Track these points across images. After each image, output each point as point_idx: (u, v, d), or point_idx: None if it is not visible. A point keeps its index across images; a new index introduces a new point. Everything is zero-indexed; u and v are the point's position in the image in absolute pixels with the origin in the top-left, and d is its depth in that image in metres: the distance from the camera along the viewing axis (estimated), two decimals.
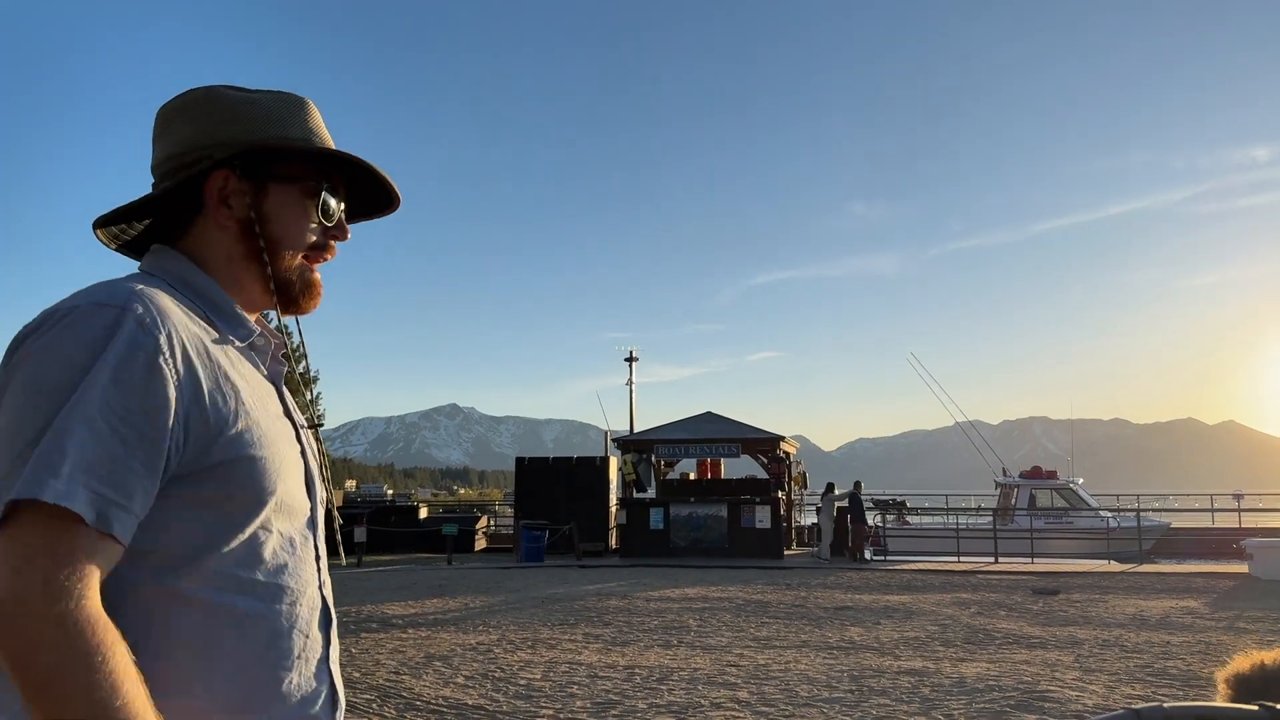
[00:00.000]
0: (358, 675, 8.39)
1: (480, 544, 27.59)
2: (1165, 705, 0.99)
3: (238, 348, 1.22)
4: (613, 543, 24.91)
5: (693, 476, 27.01)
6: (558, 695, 7.55)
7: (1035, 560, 21.48)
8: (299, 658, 1.19)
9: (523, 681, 8.12)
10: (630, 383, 37.28)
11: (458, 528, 24.10)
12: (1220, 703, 1.05)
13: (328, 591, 1.29)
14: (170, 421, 1.06)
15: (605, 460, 25.99)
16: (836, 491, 22.76)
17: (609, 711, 6.99)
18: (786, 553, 23.20)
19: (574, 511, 23.93)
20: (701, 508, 23.40)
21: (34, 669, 0.94)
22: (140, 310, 1.07)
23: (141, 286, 1.12)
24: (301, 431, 1.31)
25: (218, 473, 1.11)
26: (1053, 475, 29.02)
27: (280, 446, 1.18)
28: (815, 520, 24.67)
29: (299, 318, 1.37)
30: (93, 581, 0.98)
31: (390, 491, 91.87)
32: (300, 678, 1.18)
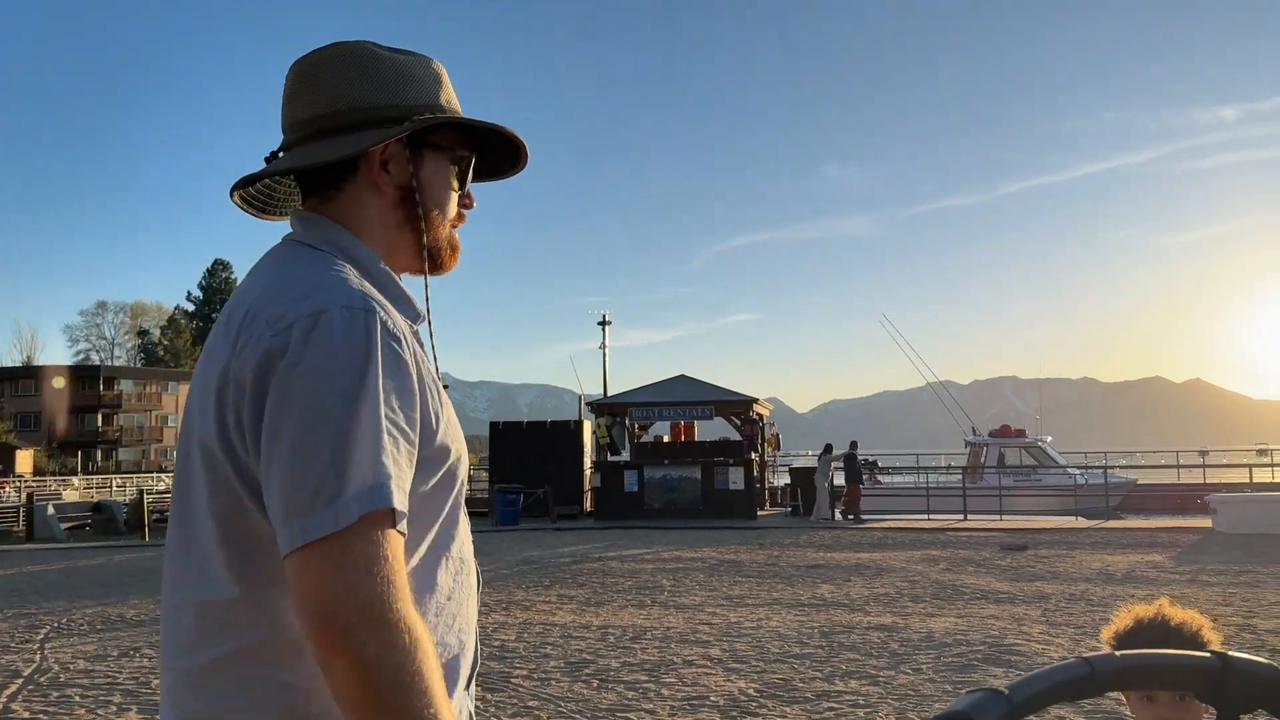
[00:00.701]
0: None
1: None
2: (1118, 654, 0.99)
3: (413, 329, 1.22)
4: (587, 505, 24.99)
5: (666, 439, 27.08)
6: (532, 655, 7.59)
7: (1004, 517, 21.77)
8: (475, 627, 1.27)
9: (497, 643, 8.15)
10: (604, 346, 37.26)
11: None
12: (1172, 651, 1.05)
13: None
14: (418, 415, 1.11)
15: (580, 424, 26.01)
16: (835, 452, 22.74)
17: (582, 670, 7.03)
18: (760, 513, 23.38)
19: (549, 475, 23.95)
20: (675, 470, 23.51)
21: (379, 677, 0.96)
22: (381, 312, 1.10)
23: (358, 282, 1.14)
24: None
25: (433, 457, 1.15)
26: (1021, 434, 29.37)
27: (453, 440, 1.20)
28: (788, 482, 24.75)
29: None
30: (398, 576, 1.02)
31: None
32: (476, 644, 1.27)
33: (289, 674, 1.09)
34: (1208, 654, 1.07)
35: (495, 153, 1.36)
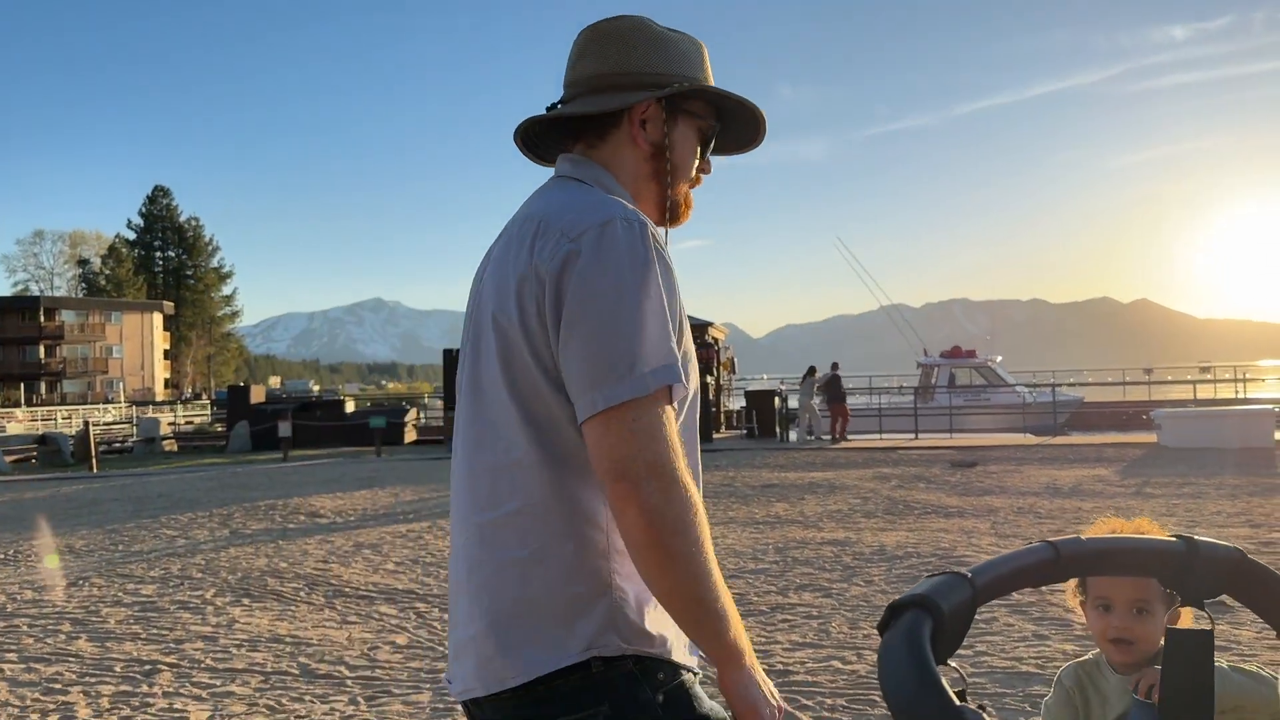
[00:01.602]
0: (284, 565, 8.33)
1: (410, 436, 27.48)
2: (1082, 537, 0.95)
3: None
4: None
5: None
6: None
7: (954, 436, 22.16)
8: None
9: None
10: None
11: (386, 420, 23.93)
12: (1137, 535, 1.01)
13: None
14: (679, 316, 1.32)
15: None
16: (817, 375, 22.73)
17: None
18: (716, 436, 23.55)
19: None
20: None
21: (663, 522, 1.17)
22: (650, 225, 1.31)
23: (630, 202, 1.38)
24: None
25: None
26: (972, 354, 29.79)
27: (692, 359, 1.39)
28: (744, 405, 24.83)
29: None
30: (680, 444, 1.23)
31: (317, 388, 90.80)
32: None
33: (566, 529, 1.29)
34: (1173, 538, 1.04)
35: (737, 125, 1.56)
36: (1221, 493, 11.07)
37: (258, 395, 30.84)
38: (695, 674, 1.37)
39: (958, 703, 0.71)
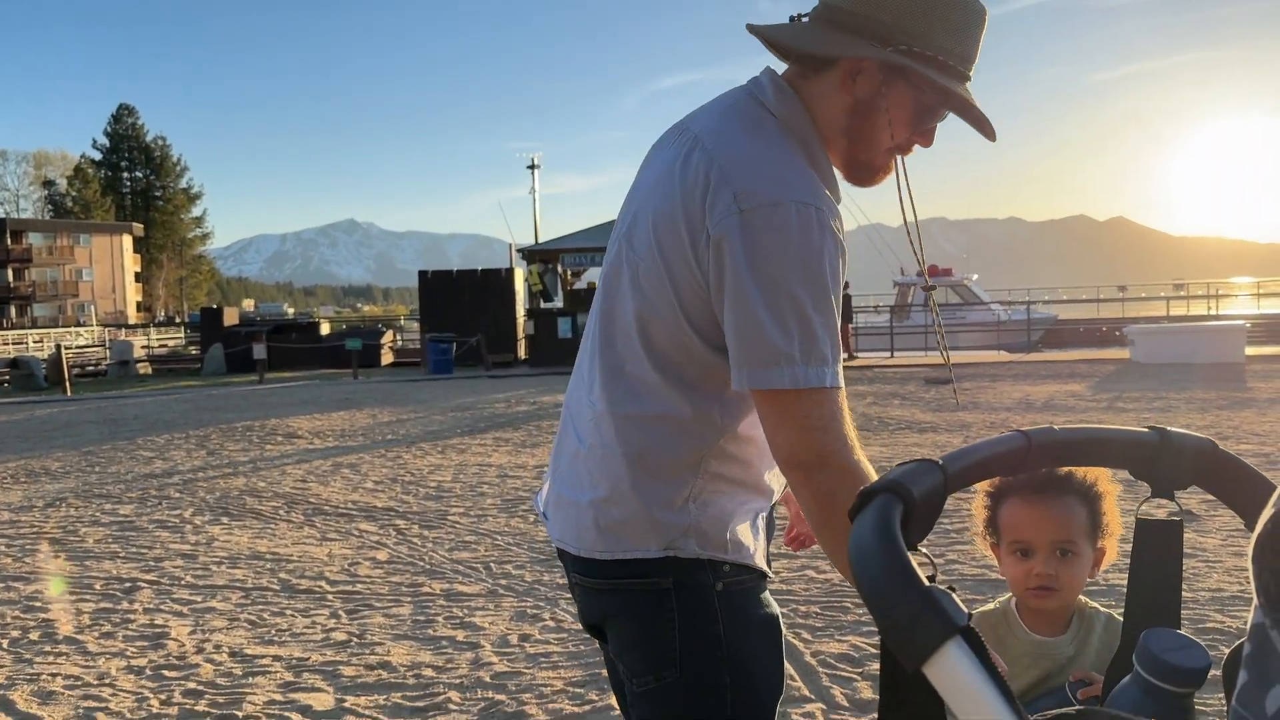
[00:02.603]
0: (263, 484, 8.35)
1: (386, 359, 27.39)
2: (1055, 427, 0.94)
3: None
4: (521, 353, 24.99)
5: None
6: (468, 495, 7.65)
7: (929, 354, 22.32)
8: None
9: (433, 484, 8.19)
10: (533, 191, 36.51)
11: (362, 342, 23.80)
12: (1110, 426, 1.01)
13: None
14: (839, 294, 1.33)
15: (511, 271, 25.73)
16: None
17: (518, 507, 7.11)
18: None
19: (481, 323, 23.80)
20: None
21: (833, 506, 1.23)
22: (828, 211, 1.30)
23: (809, 170, 1.33)
24: None
25: None
26: (948, 273, 29.85)
27: None
28: None
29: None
30: (845, 429, 1.28)
31: (291, 311, 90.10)
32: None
33: (672, 444, 1.40)
34: (1145, 429, 1.04)
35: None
36: (1191, 406, 11.24)
37: (231, 318, 30.59)
38: (768, 579, 1.52)
39: (927, 583, 0.71)
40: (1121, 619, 1.55)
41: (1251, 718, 0.57)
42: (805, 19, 1.44)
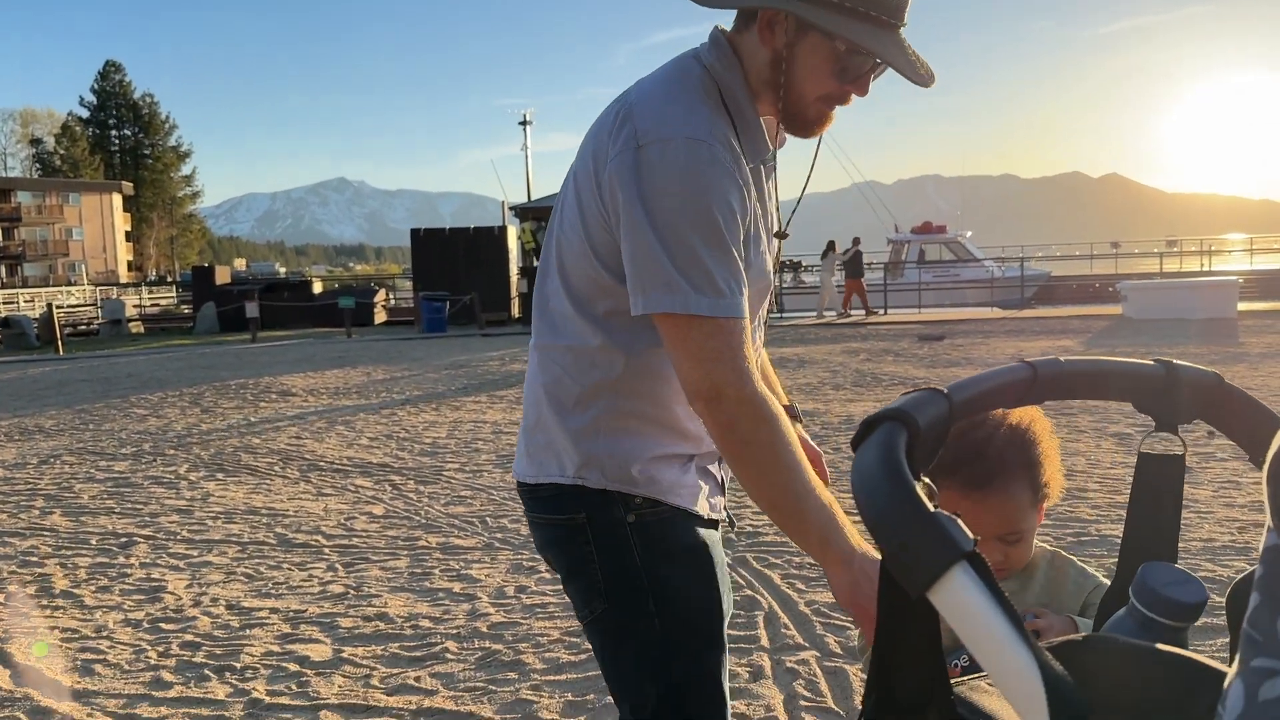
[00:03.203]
0: (258, 441, 8.35)
1: (380, 317, 27.32)
2: (1060, 359, 0.93)
3: (750, 167, 1.42)
4: (515, 312, 24.94)
5: None
6: (463, 451, 7.66)
7: (923, 311, 22.32)
8: None
9: (428, 440, 8.20)
10: (525, 148, 36.26)
11: (355, 301, 23.74)
12: (1118, 358, 1.00)
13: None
14: (742, 235, 1.37)
15: (504, 229, 25.58)
16: (837, 250, 22.24)
17: (513, 462, 7.12)
18: None
19: (474, 282, 23.70)
20: None
21: (734, 437, 1.31)
22: (722, 148, 1.34)
23: (713, 115, 1.37)
24: (770, 236, 1.55)
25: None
26: (942, 230, 29.77)
27: (764, 264, 1.48)
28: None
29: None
30: (745, 357, 1.32)
31: (283, 270, 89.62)
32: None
33: (583, 376, 1.48)
34: (1152, 361, 1.03)
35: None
36: (1184, 361, 11.26)
37: (223, 276, 30.45)
38: (700, 518, 1.55)
39: (932, 509, 0.70)
40: (1065, 554, 1.56)
41: (1263, 639, 0.57)
42: None
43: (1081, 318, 18.59)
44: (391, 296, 31.58)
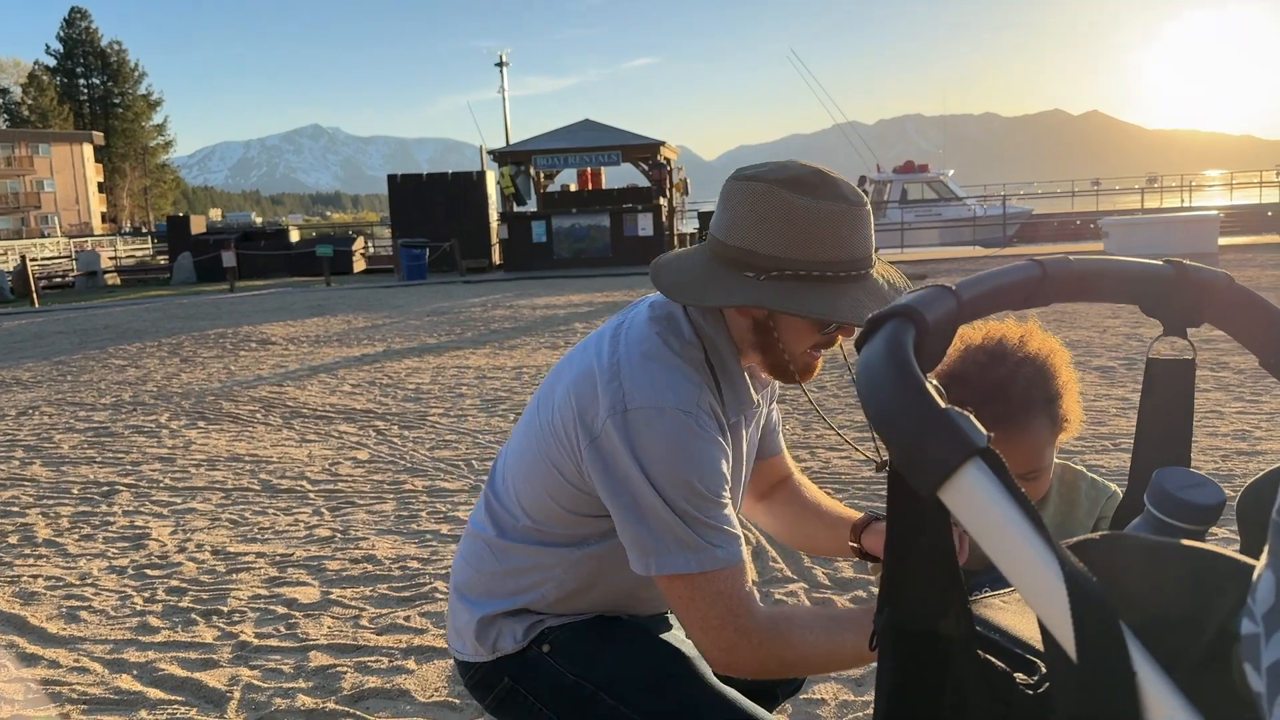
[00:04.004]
0: (239, 389, 8.28)
1: (359, 266, 27.07)
2: (1070, 257, 0.89)
3: (732, 421, 1.47)
4: (495, 258, 24.75)
5: (573, 187, 26.60)
6: (447, 396, 7.62)
7: (905, 250, 22.28)
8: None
9: (411, 386, 8.15)
10: (502, 90, 35.71)
11: (333, 249, 23.48)
12: (1128, 258, 0.96)
13: None
14: (728, 489, 1.41)
15: (482, 174, 25.29)
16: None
17: (498, 406, 7.10)
18: None
19: (453, 228, 23.48)
20: (583, 218, 23.25)
21: (769, 671, 1.40)
22: (706, 416, 1.37)
23: (697, 383, 1.39)
24: (746, 462, 1.60)
25: None
26: (925, 169, 29.59)
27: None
28: (696, 227, 24.48)
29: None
30: (752, 598, 1.37)
31: (259, 219, 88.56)
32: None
33: (506, 578, 1.54)
34: (1161, 260, 0.99)
35: None
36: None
37: (198, 226, 30.05)
38: (595, 619, 1.58)
39: (943, 404, 0.66)
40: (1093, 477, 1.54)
41: None
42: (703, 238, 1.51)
43: (1064, 254, 18.58)
44: (370, 245, 31.24)
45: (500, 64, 36.61)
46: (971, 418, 0.65)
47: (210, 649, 3.21)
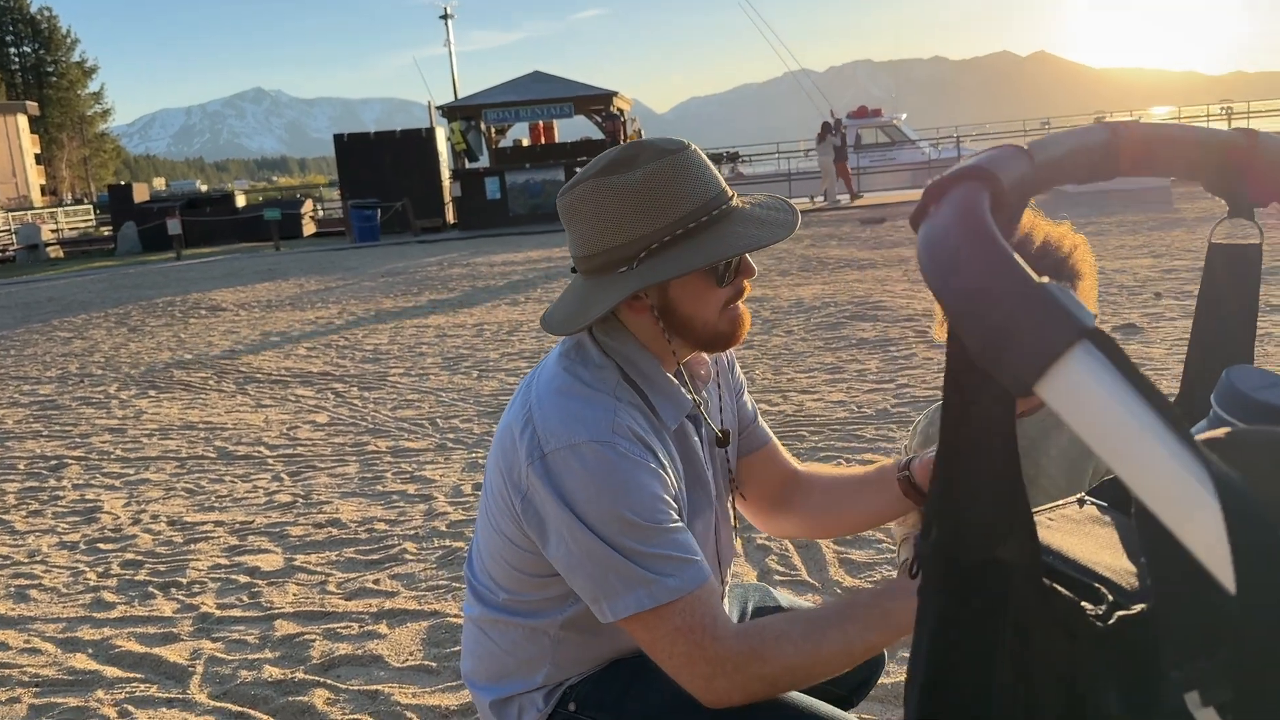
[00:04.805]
0: (190, 357, 8.02)
1: (309, 229, 26.49)
2: (1140, 120, 0.76)
3: (674, 429, 1.38)
4: (449, 217, 24.34)
5: (526, 142, 26.15)
6: (406, 356, 7.43)
7: (863, 195, 22.19)
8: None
9: (369, 347, 7.95)
10: (449, 44, 34.91)
11: (281, 212, 22.94)
12: (1200, 125, 0.84)
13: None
14: (669, 503, 1.29)
15: (432, 131, 24.77)
16: (834, 130, 21.19)
17: (461, 364, 6.93)
18: None
19: (405, 188, 23.03)
20: (538, 173, 22.88)
21: (761, 694, 1.26)
22: (627, 442, 1.27)
23: (612, 408, 1.30)
24: (712, 471, 1.48)
25: None
26: (878, 114, 29.46)
27: (696, 526, 1.41)
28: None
29: None
30: (718, 621, 1.25)
31: (204, 186, 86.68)
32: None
33: (504, 650, 1.45)
34: (1234, 129, 0.87)
35: None
36: (1123, 229, 11.33)
37: (141, 194, 29.23)
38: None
39: (1037, 278, 0.53)
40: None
41: None
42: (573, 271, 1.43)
43: None
44: (319, 208, 30.59)
45: (445, 16, 35.78)
46: (1073, 292, 0.53)
47: (170, 623, 3.06)
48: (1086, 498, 0.95)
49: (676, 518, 1.29)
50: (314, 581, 3.31)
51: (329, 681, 2.61)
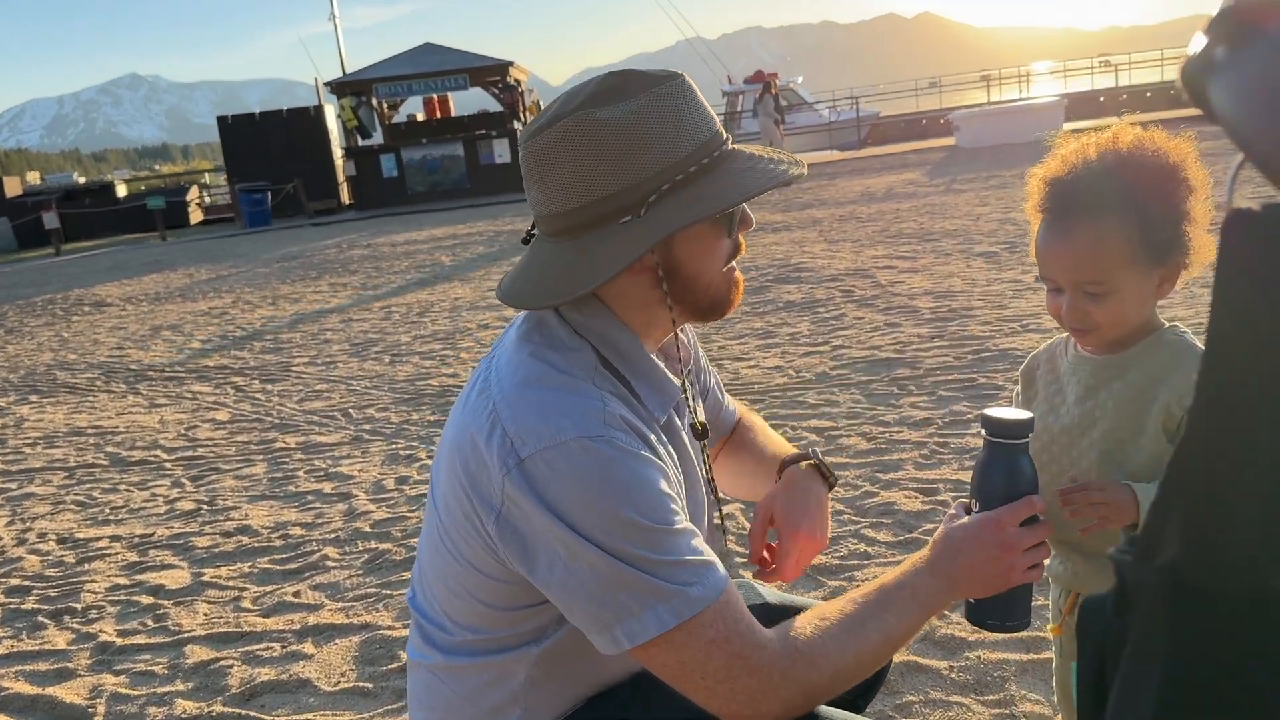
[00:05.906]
0: (74, 357, 7.47)
1: (196, 217, 25.40)
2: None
3: (662, 420, 1.20)
4: (344, 197, 23.58)
5: (420, 117, 25.44)
6: (310, 343, 7.04)
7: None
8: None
9: (268, 336, 7.52)
10: (334, 17, 33.73)
11: (165, 200, 21.88)
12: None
13: None
14: (672, 497, 1.09)
15: (320, 109, 23.90)
16: (775, 91, 20.65)
17: (370, 349, 6.58)
18: None
19: (296, 169, 22.20)
20: (435, 148, 22.28)
21: (813, 703, 1.10)
22: (619, 432, 1.07)
23: (597, 395, 1.10)
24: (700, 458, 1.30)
25: None
26: (774, 78, 29.54)
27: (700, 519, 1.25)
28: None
29: None
30: (754, 628, 1.07)
31: (82, 179, 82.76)
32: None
33: (466, 688, 1.22)
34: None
35: None
36: (1024, 181, 11.45)
37: (14, 189, 27.60)
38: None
39: None
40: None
41: None
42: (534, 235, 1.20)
43: (918, 152, 18.81)
44: (206, 195, 29.33)
45: None
46: None
47: (64, 656, 2.73)
48: None
49: (685, 517, 1.10)
50: (226, 598, 3.00)
51: (252, 713, 2.33)
